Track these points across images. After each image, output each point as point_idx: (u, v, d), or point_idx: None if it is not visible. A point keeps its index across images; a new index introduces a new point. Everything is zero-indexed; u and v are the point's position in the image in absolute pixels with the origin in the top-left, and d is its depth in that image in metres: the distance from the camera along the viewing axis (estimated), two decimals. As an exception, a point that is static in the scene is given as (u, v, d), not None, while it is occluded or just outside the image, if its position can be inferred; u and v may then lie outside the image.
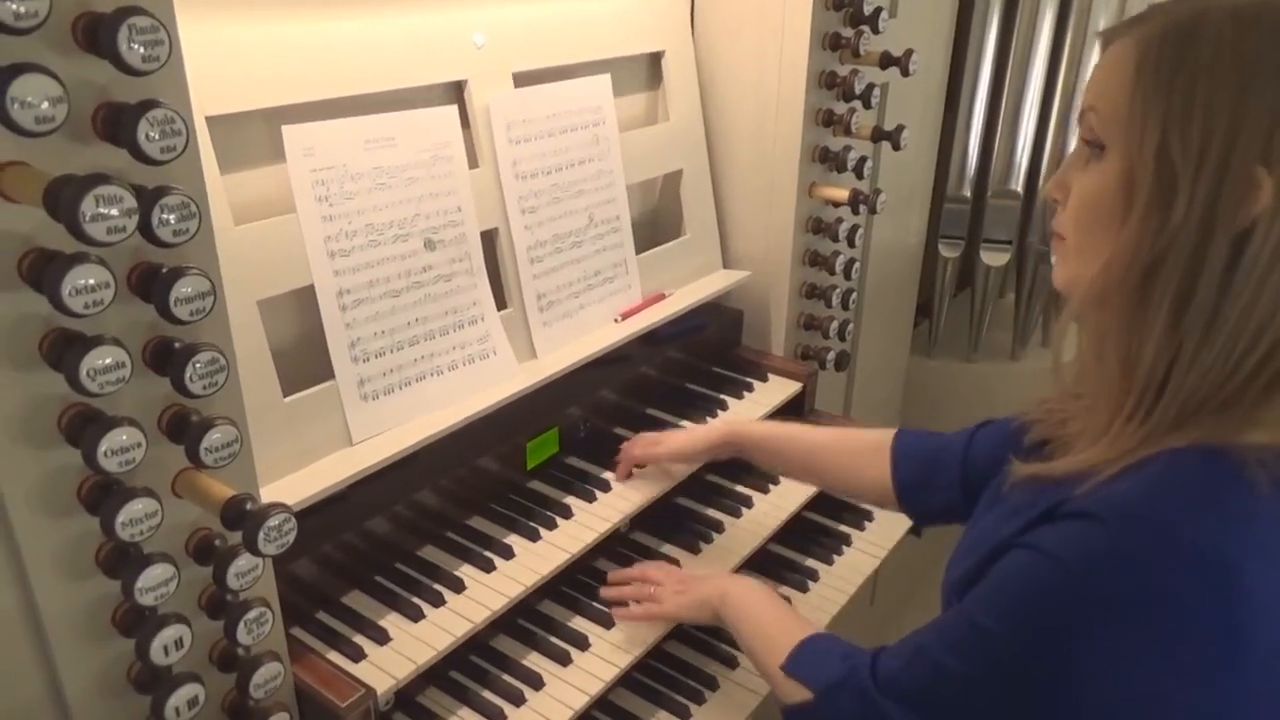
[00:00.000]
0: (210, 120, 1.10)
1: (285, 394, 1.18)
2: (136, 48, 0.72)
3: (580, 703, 1.22)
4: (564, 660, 1.28)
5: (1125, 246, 0.81)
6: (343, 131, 1.23)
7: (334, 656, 1.15)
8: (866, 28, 1.65)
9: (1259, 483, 0.77)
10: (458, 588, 1.26)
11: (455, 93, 1.41)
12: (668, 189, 1.82)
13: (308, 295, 1.21)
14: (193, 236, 0.78)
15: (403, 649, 1.17)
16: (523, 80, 1.48)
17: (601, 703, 1.29)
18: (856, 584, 1.54)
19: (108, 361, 0.76)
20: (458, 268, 1.37)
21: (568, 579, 1.39)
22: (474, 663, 1.28)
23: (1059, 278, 0.90)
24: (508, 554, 1.32)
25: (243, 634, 0.94)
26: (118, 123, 0.75)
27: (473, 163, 1.41)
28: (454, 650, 1.19)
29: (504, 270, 1.47)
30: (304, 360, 1.25)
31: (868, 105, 1.72)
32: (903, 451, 1.27)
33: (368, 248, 1.25)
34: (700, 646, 1.44)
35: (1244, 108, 0.75)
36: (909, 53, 1.68)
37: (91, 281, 0.73)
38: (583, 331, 1.56)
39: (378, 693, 1.09)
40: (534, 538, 1.36)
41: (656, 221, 1.85)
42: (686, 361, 1.76)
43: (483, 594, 1.25)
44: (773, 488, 1.63)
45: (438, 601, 1.24)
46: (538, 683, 1.25)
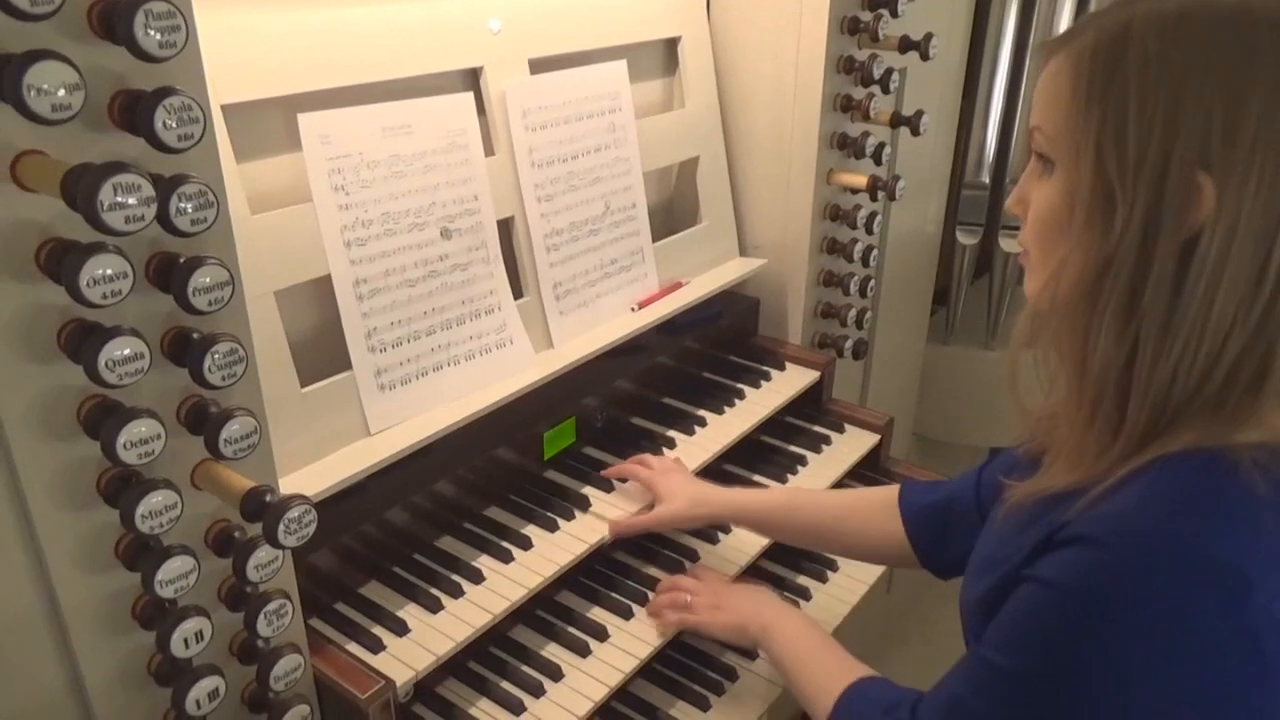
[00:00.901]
0: (226, 108, 1.09)
1: (303, 385, 1.17)
2: (153, 34, 0.71)
3: (600, 694, 1.22)
4: (583, 651, 1.28)
5: (1070, 259, 0.81)
6: (359, 119, 1.22)
7: (353, 648, 1.15)
8: (885, 11, 1.63)
9: (1255, 483, 0.75)
10: (476, 579, 1.26)
11: (471, 79, 1.40)
12: (684, 176, 1.80)
13: (324, 285, 1.20)
14: (210, 225, 0.78)
15: (422, 640, 1.17)
16: (539, 67, 1.46)
17: (621, 694, 1.28)
18: (869, 582, 1.53)
19: (126, 352, 0.76)
20: (474, 256, 1.36)
21: (586, 570, 1.38)
22: (493, 654, 1.27)
23: (1028, 291, 0.90)
24: (526, 545, 1.32)
25: (263, 626, 0.94)
26: (134, 110, 0.74)
27: (489, 150, 1.39)
28: (473, 641, 1.19)
29: (520, 259, 1.46)
30: (321, 350, 1.24)
31: (886, 90, 1.70)
32: (912, 511, 1.25)
33: (384, 237, 1.25)
34: (719, 637, 1.43)
35: (1177, 115, 0.74)
36: (929, 36, 1.66)
37: (110, 271, 0.72)
38: (599, 320, 1.55)
39: (397, 684, 1.09)
40: (552, 528, 1.35)
41: (673, 209, 1.83)
42: (703, 350, 1.74)
43: (501, 585, 1.25)
44: (791, 480, 1.61)
45: (456, 593, 1.24)
46: (557, 674, 1.24)
